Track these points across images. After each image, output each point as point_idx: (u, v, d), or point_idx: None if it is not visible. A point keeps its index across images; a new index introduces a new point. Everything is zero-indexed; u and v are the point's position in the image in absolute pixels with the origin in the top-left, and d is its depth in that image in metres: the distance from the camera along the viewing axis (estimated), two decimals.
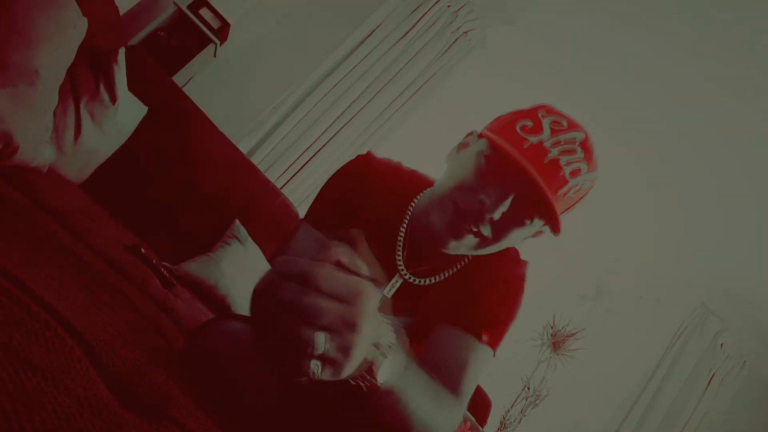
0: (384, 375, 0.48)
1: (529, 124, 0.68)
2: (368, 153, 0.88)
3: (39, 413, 0.30)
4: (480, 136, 0.74)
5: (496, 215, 0.66)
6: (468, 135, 0.78)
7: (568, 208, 0.71)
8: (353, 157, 0.89)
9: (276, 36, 2.51)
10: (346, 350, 0.40)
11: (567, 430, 3.41)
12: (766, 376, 3.60)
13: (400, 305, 0.80)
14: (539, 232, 0.76)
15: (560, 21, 2.45)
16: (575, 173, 0.66)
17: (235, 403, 0.64)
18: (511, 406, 3.12)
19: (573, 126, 0.69)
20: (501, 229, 0.68)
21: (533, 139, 0.66)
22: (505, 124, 0.71)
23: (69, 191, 1.31)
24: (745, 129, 2.22)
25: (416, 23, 2.57)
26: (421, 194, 0.82)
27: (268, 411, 0.67)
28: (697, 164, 2.58)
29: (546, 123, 0.67)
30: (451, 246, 0.70)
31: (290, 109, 2.48)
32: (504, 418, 3.08)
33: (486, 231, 0.68)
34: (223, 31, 2.23)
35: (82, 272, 0.67)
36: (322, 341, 0.38)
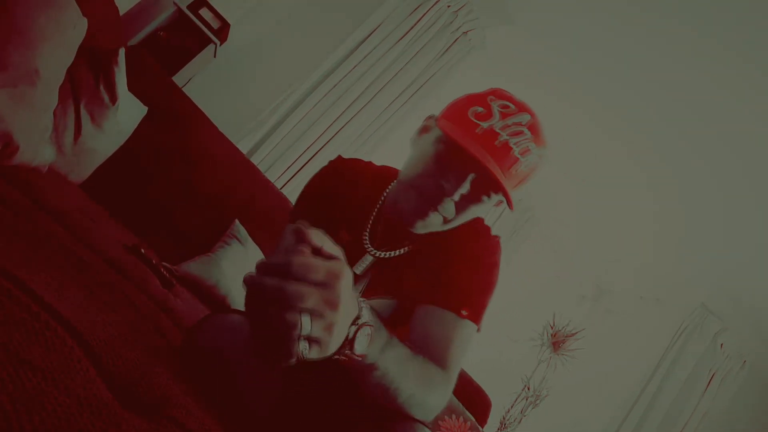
0: (361, 347, 0.51)
1: (480, 110, 0.73)
2: (338, 156, 0.95)
3: (39, 413, 0.30)
4: (437, 121, 0.78)
5: (456, 197, 0.72)
6: (428, 118, 0.83)
7: (521, 181, 0.77)
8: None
9: (276, 36, 2.51)
10: (329, 328, 0.44)
11: (567, 430, 3.42)
12: (766, 376, 3.60)
13: (379, 286, 0.83)
14: (499, 203, 0.81)
15: (560, 21, 2.45)
16: (525, 152, 0.72)
17: (235, 399, 0.65)
18: (511, 406, 3.12)
19: (521, 109, 0.74)
20: (461, 207, 0.74)
21: (485, 125, 0.72)
22: (458, 111, 0.76)
23: (69, 191, 1.31)
24: (746, 129, 2.22)
25: (416, 23, 2.57)
26: (392, 184, 0.87)
27: (268, 407, 0.67)
28: (697, 164, 2.58)
29: (495, 108, 0.73)
30: (418, 225, 0.75)
31: (290, 109, 2.48)
32: (504, 418, 3.08)
33: (448, 211, 0.74)
34: (223, 31, 2.23)
35: (82, 272, 0.67)
36: (307, 323, 0.42)
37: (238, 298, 1.63)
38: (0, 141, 0.93)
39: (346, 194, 0.88)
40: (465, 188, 0.72)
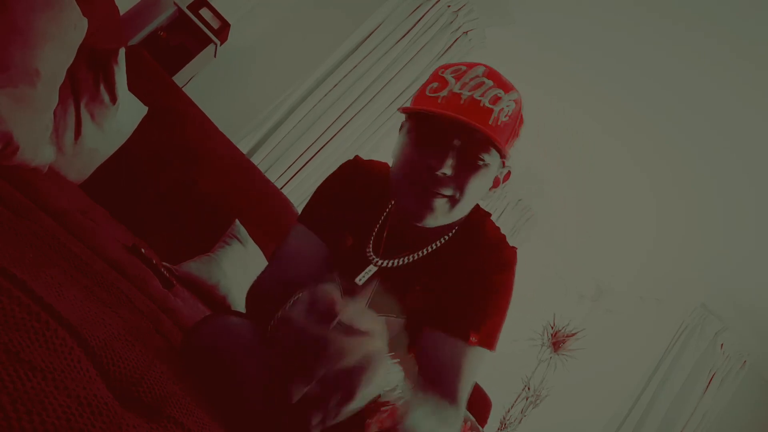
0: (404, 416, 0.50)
1: (435, 84, 0.72)
2: (356, 157, 0.91)
3: (39, 413, 0.30)
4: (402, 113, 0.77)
5: (447, 170, 0.68)
6: (401, 127, 0.81)
7: (512, 135, 0.73)
8: (351, 158, 0.92)
9: (276, 36, 2.51)
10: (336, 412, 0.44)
11: (567, 430, 3.42)
12: (766, 376, 3.61)
13: (384, 298, 0.80)
14: (507, 176, 0.78)
15: (560, 21, 2.45)
16: (495, 100, 0.69)
17: (234, 398, 0.64)
18: (511, 406, 3.13)
19: (471, 66, 0.73)
20: (461, 181, 0.70)
21: (444, 93, 0.70)
22: (416, 96, 0.75)
23: (69, 191, 1.31)
24: (746, 129, 2.22)
25: (416, 23, 2.58)
26: None
27: (267, 406, 0.67)
28: (697, 164, 2.58)
29: (448, 75, 0.72)
30: (428, 217, 0.72)
31: (290, 109, 2.48)
32: (504, 418, 3.08)
33: (449, 191, 0.71)
34: (223, 31, 2.23)
35: (82, 272, 0.67)
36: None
37: (238, 297, 1.63)
38: (0, 141, 0.93)
39: (357, 198, 0.86)
40: (451, 156, 0.68)
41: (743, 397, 3.53)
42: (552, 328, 3.23)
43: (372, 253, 0.81)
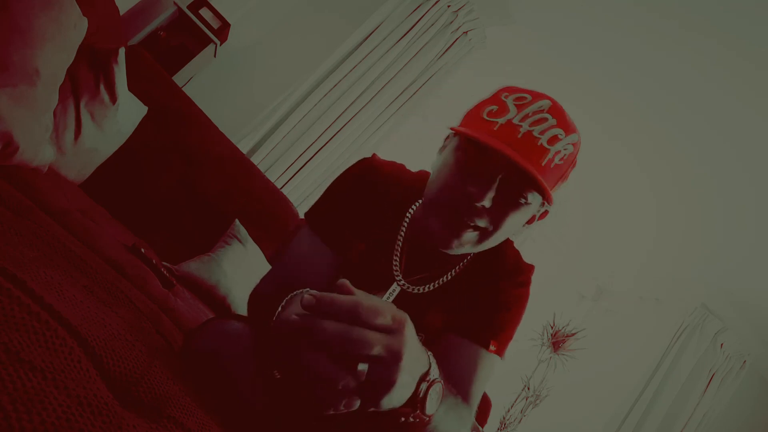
0: (432, 407, 0.48)
1: (494, 108, 0.67)
2: (373, 155, 0.87)
3: (39, 413, 0.30)
4: (453, 130, 0.73)
5: (487, 202, 0.65)
6: (446, 138, 0.78)
7: (561, 178, 0.69)
8: (353, 157, 0.91)
9: (276, 36, 2.51)
10: (389, 378, 0.40)
11: (567, 430, 3.42)
12: (766, 376, 3.61)
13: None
14: (543, 214, 0.75)
15: (561, 20, 2.45)
16: (553, 140, 0.64)
17: (234, 402, 0.64)
18: (511, 406, 3.12)
19: (537, 96, 0.68)
20: (498, 216, 0.67)
21: (501, 120, 0.65)
22: (472, 115, 0.70)
23: (69, 191, 1.31)
24: (746, 129, 2.22)
25: (416, 23, 2.58)
26: (420, 200, 0.81)
27: (267, 409, 0.67)
28: (697, 164, 2.58)
29: (510, 102, 0.67)
30: (454, 245, 0.69)
31: (290, 109, 2.48)
32: (504, 418, 3.08)
33: (483, 222, 0.67)
34: (223, 31, 2.23)
35: (82, 272, 0.67)
36: (363, 373, 0.39)
37: (238, 297, 1.63)
38: (0, 141, 0.92)
39: (372, 202, 0.81)
40: (494, 190, 0.64)
41: (743, 397, 3.53)
42: (552, 328, 3.23)
43: (399, 274, 0.78)
